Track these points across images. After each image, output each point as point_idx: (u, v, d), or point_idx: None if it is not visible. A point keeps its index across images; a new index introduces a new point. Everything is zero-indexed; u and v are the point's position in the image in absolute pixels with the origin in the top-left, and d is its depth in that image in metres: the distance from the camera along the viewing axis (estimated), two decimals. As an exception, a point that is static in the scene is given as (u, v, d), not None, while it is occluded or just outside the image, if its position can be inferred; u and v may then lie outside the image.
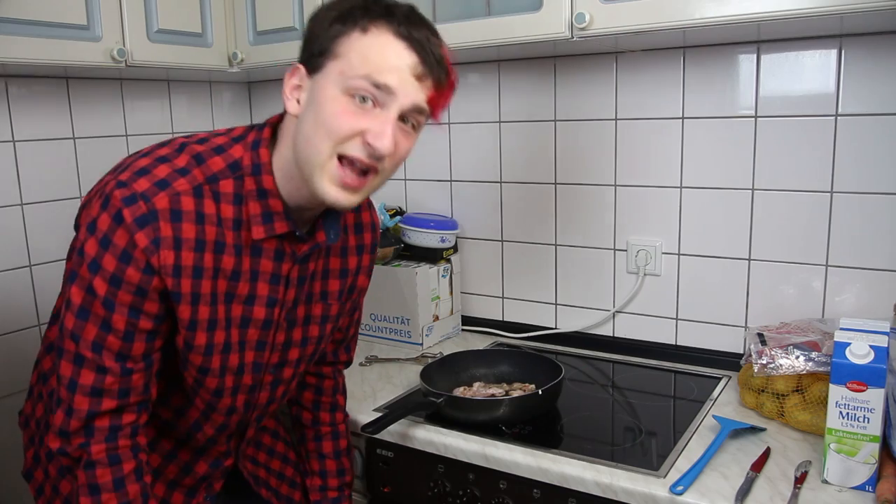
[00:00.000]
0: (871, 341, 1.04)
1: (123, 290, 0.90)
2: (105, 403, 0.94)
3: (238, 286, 1.00)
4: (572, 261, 1.75)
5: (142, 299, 0.92)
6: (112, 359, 0.93)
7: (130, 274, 0.90)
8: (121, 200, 0.89)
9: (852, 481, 1.07)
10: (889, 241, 1.37)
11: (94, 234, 0.90)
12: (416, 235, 1.80)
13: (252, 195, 0.97)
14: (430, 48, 0.92)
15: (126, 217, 0.88)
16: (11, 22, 1.35)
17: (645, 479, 1.11)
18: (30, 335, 1.67)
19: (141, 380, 0.96)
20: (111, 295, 0.90)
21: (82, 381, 0.92)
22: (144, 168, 0.92)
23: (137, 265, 0.90)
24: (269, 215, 0.98)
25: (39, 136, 1.67)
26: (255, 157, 0.97)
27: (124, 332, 0.92)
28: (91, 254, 0.90)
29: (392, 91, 0.90)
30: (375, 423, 1.26)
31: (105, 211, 0.89)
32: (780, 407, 1.28)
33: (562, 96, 1.69)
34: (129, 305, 0.91)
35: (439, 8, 1.48)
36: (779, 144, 1.45)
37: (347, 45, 0.90)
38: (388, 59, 0.90)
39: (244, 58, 1.76)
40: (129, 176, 0.91)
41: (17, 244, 1.65)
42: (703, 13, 1.19)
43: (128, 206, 0.89)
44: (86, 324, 0.91)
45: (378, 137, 0.90)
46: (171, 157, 0.94)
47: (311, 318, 1.12)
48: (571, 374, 1.58)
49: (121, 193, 0.89)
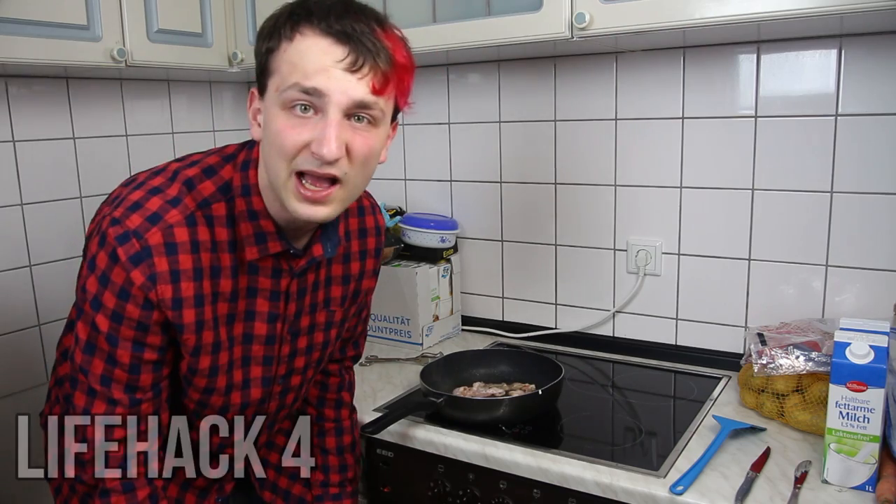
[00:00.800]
0: (871, 341, 1.04)
1: (125, 326, 0.92)
2: (117, 433, 0.96)
3: (237, 305, 1.00)
4: (572, 261, 1.74)
5: (144, 333, 0.93)
6: (121, 391, 0.94)
7: (130, 310, 0.91)
8: (114, 239, 0.90)
9: (852, 481, 1.06)
10: (889, 241, 1.37)
11: (93, 272, 0.92)
12: (416, 235, 1.80)
13: (243, 216, 0.97)
14: (359, 36, 0.86)
15: (121, 256, 0.89)
16: (11, 22, 1.35)
17: (645, 479, 1.11)
18: (30, 335, 1.67)
19: (150, 408, 0.98)
20: (114, 331, 0.92)
21: (94, 412, 0.95)
22: (137, 203, 0.92)
23: (136, 301, 0.91)
24: (261, 236, 0.97)
25: (39, 136, 1.67)
26: (244, 177, 0.96)
27: (129, 364, 0.94)
28: (92, 291, 0.91)
29: (323, 93, 0.85)
30: (375, 423, 1.26)
31: (102, 249, 0.91)
32: (780, 407, 1.28)
33: (562, 96, 1.69)
34: (133, 340, 0.93)
35: (439, 8, 1.48)
36: (779, 144, 1.45)
37: (279, 59, 0.88)
38: (314, 60, 0.86)
39: (244, 58, 1.76)
40: (123, 212, 0.91)
41: (17, 244, 1.65)
42: (703, 13, 1.19)
43: (121, 245, 0.89)
44: (93, 359, 0.93)
45: (320, 145, 0.86)
46: (163, 188, 0.94)
47: (315, 327, 1.12)
48: (571, 374, 1.57)
49: (114, 232, 0.90)
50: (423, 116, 1.87)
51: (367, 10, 0.90)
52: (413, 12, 1.52)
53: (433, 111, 1.86)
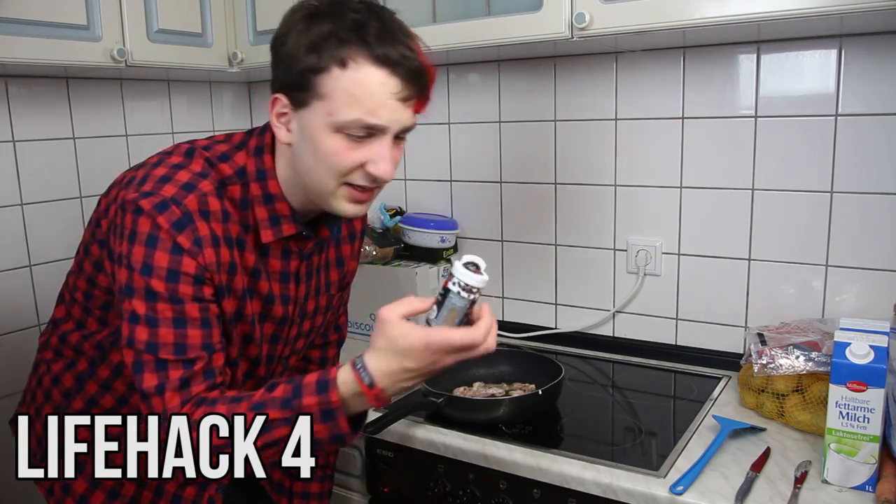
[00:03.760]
0: (871, 341, 1.04)
1: (183, 283, 0.91)
2: (194, 388, 0.93)
3: (258, 283, 1.03)
4: (572, 261, 1.74)
5: (200, 287, 0.93)
6: (198, 348, 0.92)
7: (186, 264, 0.91)
8: (153, 208, 0.90)
9: (852, 481, 1.06)
10: (889, 241, 1.37)
11: (136, 242, 0.90)
12: (416, 235, 1.80)
13: (258, 200, 0.99)
14: (409, 63, 0.90)
15: (163, 224, 0.90)
16: (11, 22, 1.35)
17: (645, 479, 1.11)
18: (30, 335, 1.67)
19: (221, 358, 0.96)
20: (173, 291, 0.90)
21: (171, 379, 0.91)
22: (165, 176, 0.94)
23: (188, 260, 0.91)
24: (276, 218, 1.00)
25: (39, 136, 1.67)
26: (258, 163, 0.99)
27: (201, 319, 0.93)
28: (140, 259, 0.90)
29: (384, 127, 0.92)
30: (375, 423, 1.26)
31: (140, 217, 0.90)
32: (780, 407, 1.28)
33: (562, 96, 1.69)
34: (193, 296, 0.92)
35: (439, 8, 1.48)
36: (779, 144, 1.45)
37: (330, 84, 0.89)
38: (374, 95, 0.89)
39: (244, 58, 1.76)
40: (154, 185, 0.92)
41: (17, 244, 1.65)
42: (703, 13, 1.19)
43: (161, 213, 0.90)
44: (159, 329, 0.90)
45: (377, 167, 0.93)
46: (185, 164, 0.96)
47: (318, 310, 1.16)
48: (571, 374, 1.57)
49: (150, 202, 0.90)
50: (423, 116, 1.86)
51: (402, 25, 0.94)
52: (413, 12, 1.52)
53: (433, 111, 1.83)
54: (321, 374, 0.91)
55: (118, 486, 1.10)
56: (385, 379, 0.89)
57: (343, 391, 0.89)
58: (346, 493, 1.48)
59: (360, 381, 0.89)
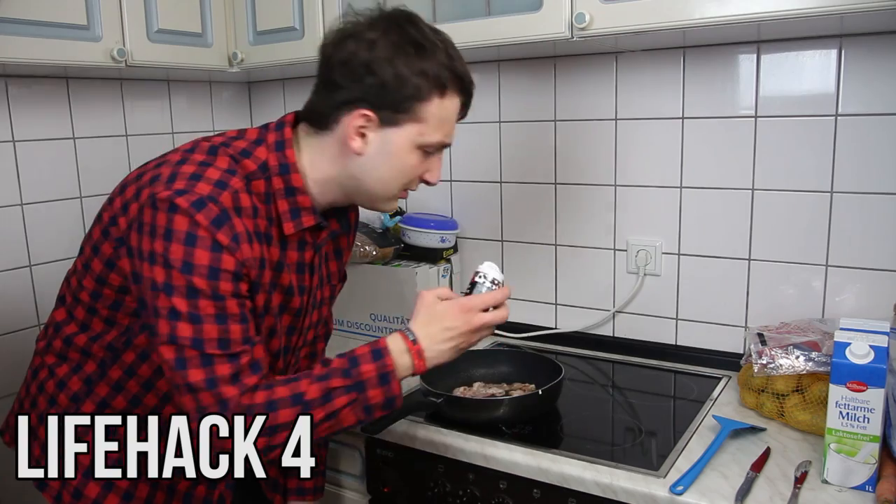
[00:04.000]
0: (871, 341, 1.04)
1: (223, 280, 0.93)
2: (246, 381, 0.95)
3: (280, 276, 1.06)
4: (572, 261, 1.74)
5: (238, 283, 0.95)
6: (239, 343, 0.95)
7: (226, 261, 0.93)
8: (191, 206, 0.91)
9: (852, 481, 1.06)
10: (889, 241, 1.37)
11: (173, 240, 0.91)
12: (416, 235, 1.80)
13: (280, 193, 1.03)
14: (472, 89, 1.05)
15: (201, 221, 0.91)
16: (11, 22, 1.35)
17: (645, 479, 1.11)
18: (30, 335, 1.67)
19: (262, 350, 1.00)
20: (214, 288, 0.92)
21: (220, 373, 0.93)
22: (195, 174, 0.96)
23: (228, 257, 0.93)
24: (296, 211, 1.04)
25: (39, 136, 1.67)
26: (281, 157, 1.02)
27: (240, 315, 0.95)
28: (179, 257, 0.91)
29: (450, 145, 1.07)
30: (375, 423, 1.26)
31: (175, 214, 0.91)
32: (780, 407, 1.28)
33: (562, 96, 1.69)
34: (232, 292, 0.94)
35: (439, 8, 1.48)
36: (779, 144, 1.45)
37: (428, 110, 1.00)
38: (452, 119, 1.05)
39: (244, 58, 1.76)
40: (186, 183, 0.94)
41: (17, 244, 1.65)
42: (703, 13, 1.19)
43: (200, 211, 0.92)
44: (203, 325, 0.92)
45: (433, 175, 1.08)
46: (211, 161, 0.99)
47: (323, 300, 1.21)
48: (571, 374, 1.57)
49: (186, 200, 0.92)
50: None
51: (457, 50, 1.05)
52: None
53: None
54: (371, 345, 1.02)
55: (132, 488, 1.09)
56: (426, 339, 1.03)
57: (394, 354, 1.01)
58: (346, 493, 1.48)
59: (406, 339, 1.02)
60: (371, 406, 1.00)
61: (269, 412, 0.95)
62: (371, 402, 1.00)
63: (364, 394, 0.99)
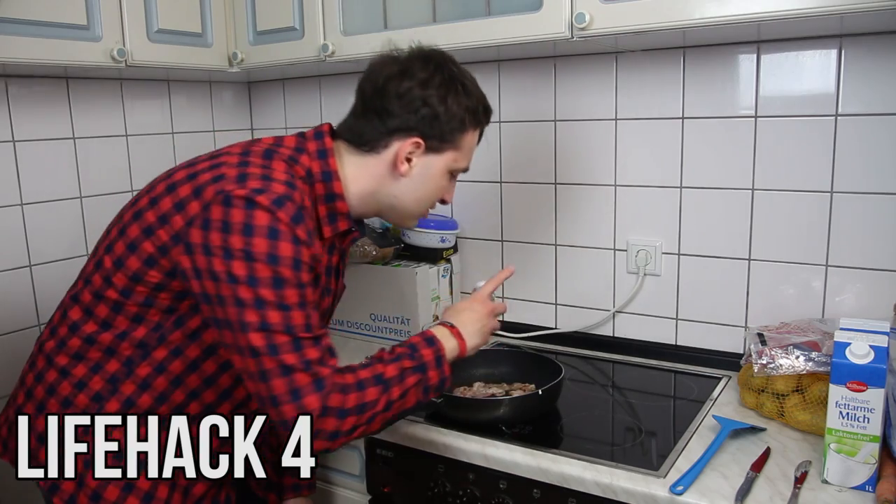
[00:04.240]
0: (871, 341, 1.04)
1: (304, 271, 1.00)
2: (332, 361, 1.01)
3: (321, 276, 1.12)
4: (572, 261, 1.75)
5: (311, 275, 1.02)
6: (318, 326, 1.01)
7: (304, 253, 0.99)
8: (272, 202, 0.97)
9: (852, 481, 1.06)
10: (889, 241, 1.37)
11: (255, 235, 0.96)
12: (416, 235, 1.80)
13: (321, 199, 1.10)
14: None
15: (282, 217, 0.97)
16: (11, 22, 1.35)
17: (645, 479, 1.11)
18: (30, 335, 1.67)
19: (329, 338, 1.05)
20: (298, 278, 0.98)
21: (310, 357, 0.98)
22: (265, 174, 1.02)
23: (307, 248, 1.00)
24: (333, 216, 1.11)
25: (39, 136, 1.67)
26: (324, 165, 1.10)
27: (312, 303, 1.02)
28: (264, 250, 0.96)
29: None
30: (375, 423, 1.26)
31: (255, 210, 0.97)
32: (780, 407, 1.28)
33: (562, 96, 1.69)
34: (308, 282, 1.01)
35: (439, 8, 1.48)
36: (779, 144, 1.45)
37: (465, 140, 1.15)
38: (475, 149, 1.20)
39: (244, 58, 1.76)
40: (262, 183, 1.00)
41: (17, 244, 1.65)
42: (703, 13, 1.19)
43: (280, 208, 0.98)
44: (291, 313, 0.97)
45: (451, 197, 1.22)
46: (270, 164, 1.05)
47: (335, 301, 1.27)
48: (571, 374, 1.57)
49: (267, 197, 0.97)
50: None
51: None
52: (413, 12, 1.52)
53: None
54: (421, 335, 1.13)
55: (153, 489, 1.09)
56: (461, 324, 1.18)
57: (442, 339, 1.13)
58: (346, 493, 1.48)
59: (446, 325, 1.17)
60: (429, 387, 1.10)
61: (359, 391, 1.01)
62: (430, 383, 1.09)
63: (425, 374, 1.09)
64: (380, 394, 1.02)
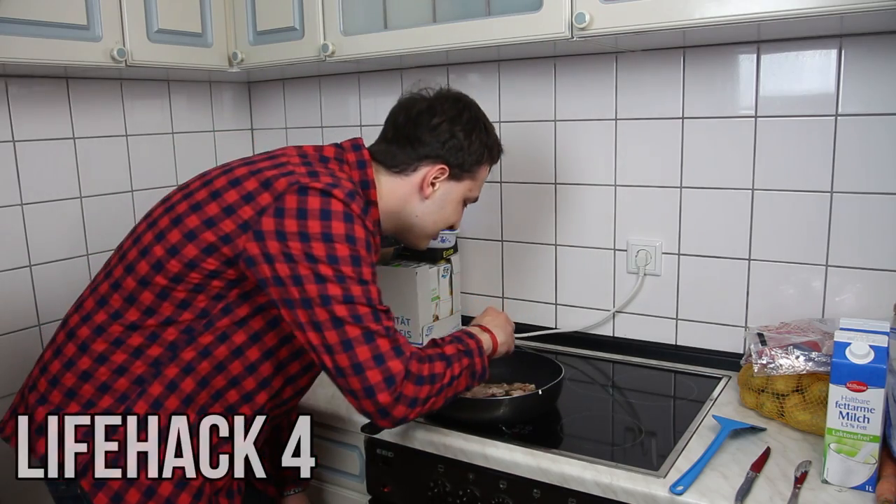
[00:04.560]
0: (871, 341, 1.04)
1: (373, 253, 1.10)
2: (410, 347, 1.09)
3: None
4: (572, 261, 1.75)
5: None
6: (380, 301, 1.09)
7: (371, 241, 1.09)
8: (346, 195, 1.06)
9: (852, 481, 1.07)
10: (889, 241, 1.37)
11: (332, 218, 1.05)
12: (416, 235, 1.80)
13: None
14: None
15: (354, 209, 1.07)
16: (11, 22, 1.35)
17: (645, 479, 1.11)
18: (30, 335, 1.67)
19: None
20: (370, 258, 1.08)
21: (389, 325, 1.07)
22: (331, 173, 1.12)
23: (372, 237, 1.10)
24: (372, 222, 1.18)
25: (39, 136, 1.68)
26: (363, 175, 1.20)
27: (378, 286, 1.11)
28: (342, 232, 1.05)
29: None
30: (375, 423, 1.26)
31: (331, 199, 1.05)
32: (780, 407, 1.28)
33: (562, 96, 1.69)
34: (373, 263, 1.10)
35: (439, 8, 1.48)
36: (779, 144, 1.45)
37: (482, 171, 1.29)
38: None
39: (244, 58, 1.76)
40: (333, 180, 1.08)
41: (17, 244, 1.65)
42: (703, 13, 1.19)
43: (353, 200, 1.07)
44: (368, 287, 1.06)
45: (459, 223, 1.35)
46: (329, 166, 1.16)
47: None
48: (571, 374, 1.58)
49: (341, 191, 1.07)
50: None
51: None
52: (413, 12, 1.52)
53: (433, 111, 1.86)
54: (459, 332, 1.22)
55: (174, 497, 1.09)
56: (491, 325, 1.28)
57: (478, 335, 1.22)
58: (346, 493, 1.48)
59: (479, 325, 1.28)
60: (475, 372, 1.18)
61: (430, 362, 1.09)
62: (475, 369, 1.18)
63: (473, 360, 1.17)
64: (445, 368, 1.11)
